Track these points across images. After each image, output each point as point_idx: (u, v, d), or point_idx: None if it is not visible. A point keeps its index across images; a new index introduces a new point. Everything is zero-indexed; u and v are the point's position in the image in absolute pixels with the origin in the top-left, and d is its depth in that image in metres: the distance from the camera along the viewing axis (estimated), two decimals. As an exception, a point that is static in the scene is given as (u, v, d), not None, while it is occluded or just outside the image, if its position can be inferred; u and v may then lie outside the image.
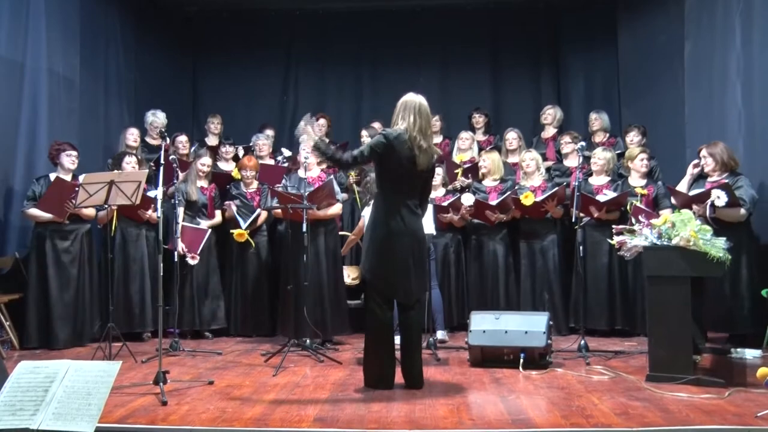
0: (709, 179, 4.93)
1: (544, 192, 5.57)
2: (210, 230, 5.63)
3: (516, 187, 5.76)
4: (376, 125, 6.27)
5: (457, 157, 6.35)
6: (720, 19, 5.61)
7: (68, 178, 5.20)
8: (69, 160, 5.23)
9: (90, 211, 5.28)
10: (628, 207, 5.18)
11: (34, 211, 5.15)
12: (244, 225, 5.65)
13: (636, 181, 5.48)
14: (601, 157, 5.66)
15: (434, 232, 5.04)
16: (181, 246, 5.30)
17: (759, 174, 4.97)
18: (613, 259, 5.41)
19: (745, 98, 5.24)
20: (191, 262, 5.42)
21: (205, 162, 5.82)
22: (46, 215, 5.12)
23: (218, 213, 5.87)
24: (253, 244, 5.73)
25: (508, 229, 5.80)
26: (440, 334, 5.23)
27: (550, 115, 6.85)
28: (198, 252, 5.43)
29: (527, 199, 5.46)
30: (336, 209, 5.30)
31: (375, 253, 3.75)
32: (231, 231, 5.67)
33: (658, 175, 5.80)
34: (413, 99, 3.75)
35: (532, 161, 5.76)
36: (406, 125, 3.68)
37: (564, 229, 5.74)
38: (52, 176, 5.24)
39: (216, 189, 5.92)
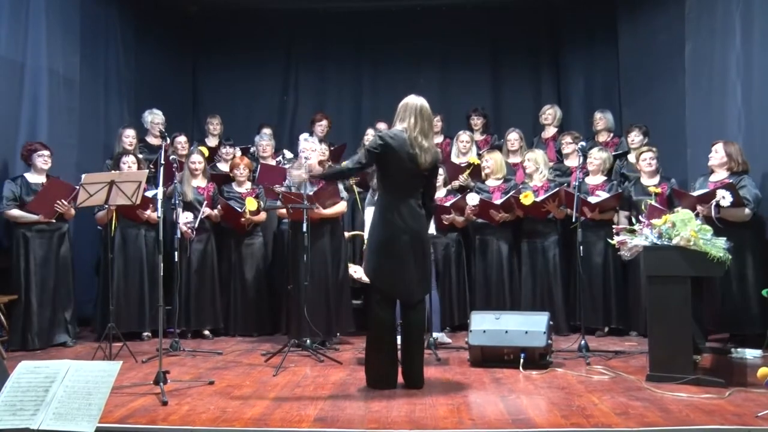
0: (712, 178, 4.93)
1: (547, 192, 5.57)
2: (206, 209, 5.61)
3: (519, 186, 5.75)
4: (382, 126, 6.27)
5: (469, 159, 6.31)
6: (720, 18, 5.61)
7: (42, 178, 5.20)
8: (41, 160, 5.19)
9: (72, 212, 5.23)
10: (642, 206, 5.15)
11: (16, 212, 5.10)
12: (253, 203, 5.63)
13: (647, 180, 5.47)
14: (597, 156, 5.66)
15: (435, 233, 5.05)
16: (182, 227, 5.29)
17: (759, 173, 4.97)
18: (608, 258, 5.44)
19: (745, 98, 5.24)
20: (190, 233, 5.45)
21: (195, 160, 5.79)
22: (30, 216, 5.09)
23: (217, 210, 5.84)
24: (261, 204, 5.66)
25: (512, 229, 5.79)
26: (436, 336, 5.17)
27: (551, 115, 6.84)
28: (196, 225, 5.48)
29: (527, 199, 5.46)
30: (341, 207, 5.30)
31: (376, 253, 3.77)
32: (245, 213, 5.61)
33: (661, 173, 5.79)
34: (414, 101, 3.77)
35: (529, 162, 5.75)
36: (406, 125, 3.71)
37: (564, 229, 5.74)
38: (28, 176, 5.20)
39: (215, 187, 5.90)
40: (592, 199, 5.38)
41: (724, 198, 4.51)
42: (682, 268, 3.74)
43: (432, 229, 4.96)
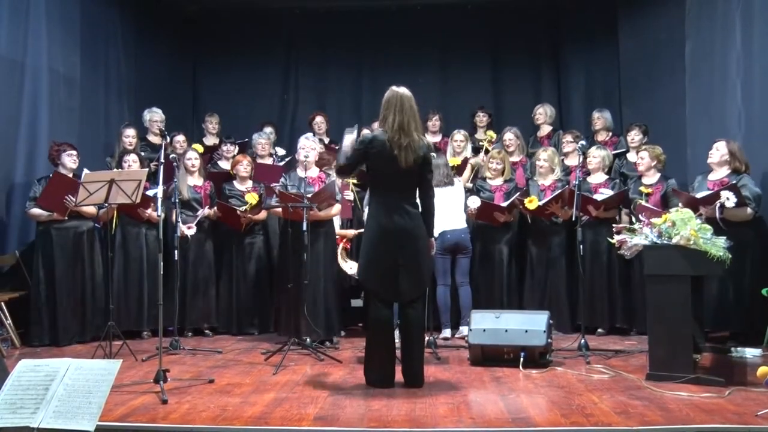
0: (711, 177, 4.93)
1: (553, 192, 5.54)
2: (205, 209, 5.64)
3: (523, 188, 5.72)
4: (376, 126, 6.25)
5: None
6: (720, 18, 5.62)
7: (69, 176, 5.19)
8: (71, 159, 5.24)
9: (91, 209, 5.25)
10: (632, 206, 5.17)
11: (36, 211, 5.15)
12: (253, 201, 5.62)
13: (644, 179, 5.46)
14: (596, 155, 5.65)
15: (465, 225, 5.32)
16: (181, 228, 5.28)
17: (759, 173, 4.97)
18: (611, 258, 5.43)
19: (745, 97, 5.24)
20: (187, 232, 5.39)
21: (190, 156, 5.79)
22: (47, 214, 5.11)
23: (214, 210, 5.83)
24: (257, 198, 5.63)
25: (514, 230, 5.78)
26: (464, 330, 5.28)
27: (542, 114, 6.86)
28: (195, 223, 5.47)
29: (531, 204, 5.45)
30: (336, 209, 5.30)
31: (365, 254, 3.80)
32: (242, 210, 5.60)
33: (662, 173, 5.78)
34: (394, 94, 3.75)
35: (543, 161, 5.73)
36: (385, 125, 3.70)
37: (568, 229, 5.73)
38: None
39: (212, 186, 5.89)
40: (598, 197, 5.37)
41: (729, 200, 4.51)
42: (682, 267, 3.73)
43: (460, 223, 5.24)
